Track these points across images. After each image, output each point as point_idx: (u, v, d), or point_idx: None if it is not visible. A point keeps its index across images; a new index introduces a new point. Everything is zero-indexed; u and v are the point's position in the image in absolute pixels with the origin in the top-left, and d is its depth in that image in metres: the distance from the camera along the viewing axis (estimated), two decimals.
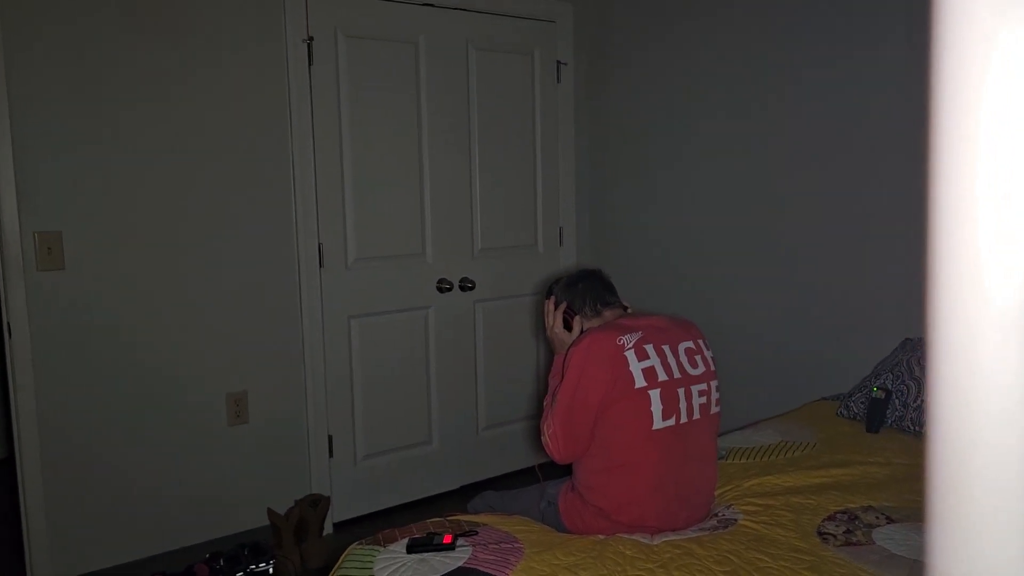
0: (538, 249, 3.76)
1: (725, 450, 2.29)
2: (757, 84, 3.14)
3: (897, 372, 2.48)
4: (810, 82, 2.96)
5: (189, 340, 2.86)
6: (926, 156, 0.39)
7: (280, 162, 2.99)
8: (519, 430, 3.74)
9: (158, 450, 2.82)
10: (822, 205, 2.97)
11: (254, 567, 2.78)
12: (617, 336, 1.81)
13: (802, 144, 3.01)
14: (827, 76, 2.91)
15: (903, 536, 1.70)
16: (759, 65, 3.13)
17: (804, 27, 2.97)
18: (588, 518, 1.85)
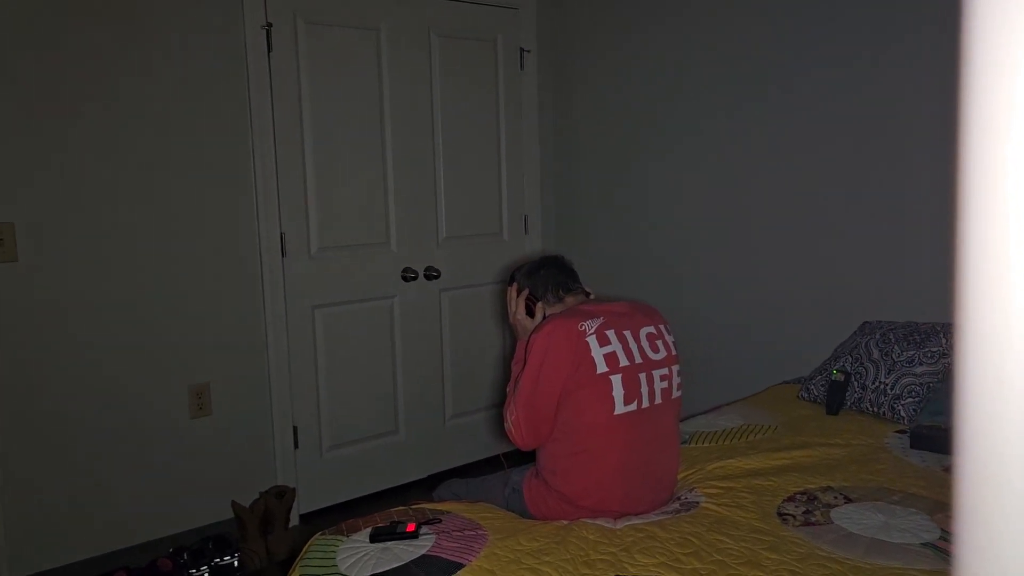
0: (503, 237, 3.75)
1: (688, 434, 2.31)
2: (723, 72, 3.16)
3: (856, 355, 2.52)
4: (775, 71, 2.99)
5: (149, 332, 2.81)
6: (952, 157, 0.39)
7: (240, 151, 2.95)
8: (486, 419, 3.74)
9: (119, 444, 2.77)
10: (784, 193, 3.00)
11: (219, 560, 2.76)
12: (579, 322, 1.81)
13: (766, 134, 3.03)
14: (792, 65, 2.93)
15: (860, 515, 1.73)
16: (725, 52, 3.15)
17: (773, 12, 2.99)
18: (552, 504, 1.86)
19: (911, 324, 2.53)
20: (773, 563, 1.52)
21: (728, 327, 3.23)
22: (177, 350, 2.88)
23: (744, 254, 3.15)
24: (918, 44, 2.58)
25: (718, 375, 3.25)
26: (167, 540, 2.88)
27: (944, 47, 2.52)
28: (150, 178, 2.78)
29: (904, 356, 2.40)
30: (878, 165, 2.72)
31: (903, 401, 2.32)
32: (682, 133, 3.31)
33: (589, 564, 1.54)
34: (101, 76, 2.65)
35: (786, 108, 2.95)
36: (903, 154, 2.65)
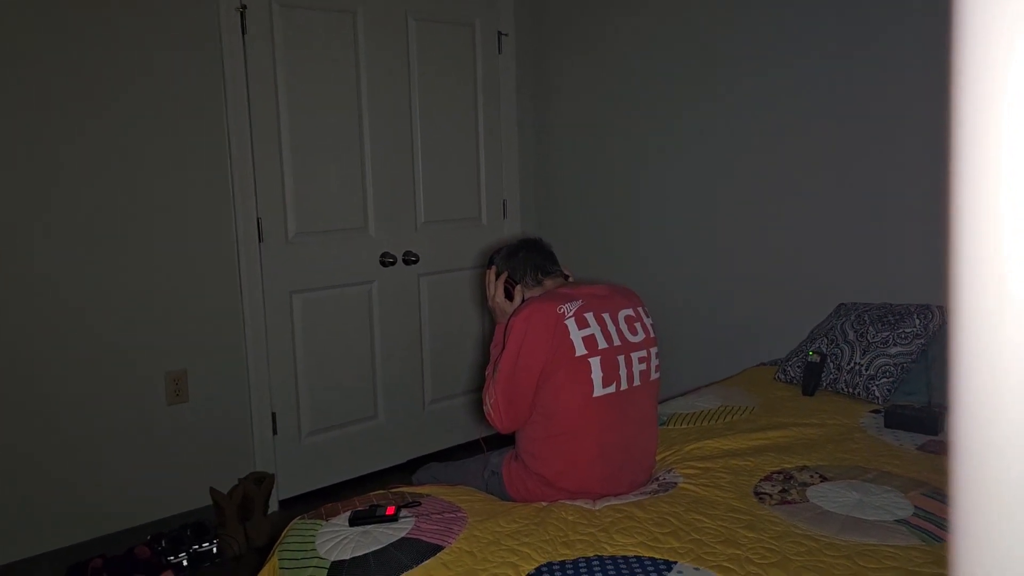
0: (482, 222, 3.74)
1: (667, 416, 2.32)
2: (701, 56, 3.16)
3: (832, 336, 2.55)
4: (753, 56, 2.99)
5: (124, 319, 2.78)
6: (946, 154, 0.38)
7: (215, 135, 2.91)
8: (465, 403, 3.75)
9: (96, 431, 2.75)
10: (761, 177, 3.01)
11: (197, 547, 2.75)
12: (557, 305, 1.81)
13: (743, 118, 3.04)
14: (770, 50, 2.94)
15: (836, 493, 1.75)
16: (703, 37, 3.15)
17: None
18: (531, 486, 1.86)
19: (886, 306, 2.56)
20: (750, 541, 1.54)
21: (705, 310, 3.25)
22: (154, 337, 2.85)
23: (721, 238, 3.16)
24: (896, 27, 2.59)
25: (696, 357, 3.27)
26: (145, 527, 2.86)
27: (922, 31, 2.53)
28: (123, 164, 2.74)
29: (879, 337, 2.43)
30: (854, 149, 2.74)
31: (877, 381, 2.35)
32: (660, 116, 3.32)
33: (568, 544, 1.54)
34: (72, 58, 2.60)
35: (764, 92, 2.96)
36: (879, 138, 2.67)
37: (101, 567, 2.55)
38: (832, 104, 2.78)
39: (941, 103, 2.48)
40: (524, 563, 1.48)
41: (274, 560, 1.70)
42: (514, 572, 1.45)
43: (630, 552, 1.51)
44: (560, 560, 1.48)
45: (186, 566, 2.70)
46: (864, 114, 2.70)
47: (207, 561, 2.76)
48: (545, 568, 1.45)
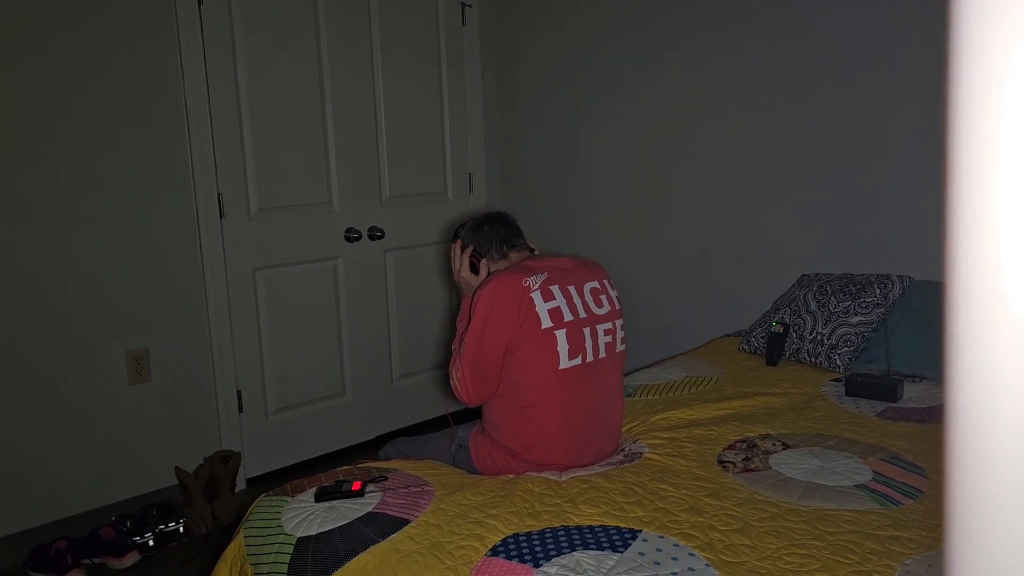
0: (447, 196, 3.72)
1: (632, 388, 2.34)
2: (667, 28, 3.15)
3: (795, 307, 2.58)
4: (714, 27, 2.99)
5: (82, 298, 2.72)
6: (943, 156, 0.37)
7: (171, 108, 2.85)
8: (433, 379, 3.74)
9: (56, 412, 2.70)
10: (726, 150, 3.02)
11: (163, 527, 2.72)
12: (523, 278, 1.81)
13: (708, 92, 3.04)
14: (729, 25, 2.94)
15: (797, 460, 1.78)
16: (667, 11, 3.13)
17: None
18: (498, 459, 1.87)
19: (847, 276, 2.59)
20: (713, 508, 1.56)
21: (670, 282, 3.27)
22: (113, 315, 2.79)
23: (686, 210, 3.17)
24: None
25: (661, 329, 3.29)
26: (110, 508, 2.83)
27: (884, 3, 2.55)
28: (77, 139, 2.67)
29: (840, 307, 2.46)
30: (817, 121, 2.76)
31: (839, 351, 2.39)
32: (626, 90, 3.31)
33: (535, 516, 1.55)
34: (20, 29, 2.52)
35: (726, 65, 2.97)
36: (840, 110, 2.69)
37: (65, 549, 2.51)
38: (793, 77, 2.79)
39: (901, 74, 2.51)
40: (490, 535, 1.48)
41: (240, 537, 1.69)
42: (480, 544, 1.45)
43: (596, 522, 1.52)
44: (526, 531, 1.49)
45: (152, 546, 2.68)
46: (825, 87, 2.71)
47: (174, 540, 2.74)
48: (511, 539, 1.46)
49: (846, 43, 2.64)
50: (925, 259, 2.55)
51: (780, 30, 2.80)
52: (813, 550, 1.39)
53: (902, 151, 2.57)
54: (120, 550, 2.57)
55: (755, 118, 2.91)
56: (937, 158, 2.51)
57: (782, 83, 2.82)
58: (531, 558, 1.39)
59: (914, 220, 2.57)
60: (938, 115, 2.47)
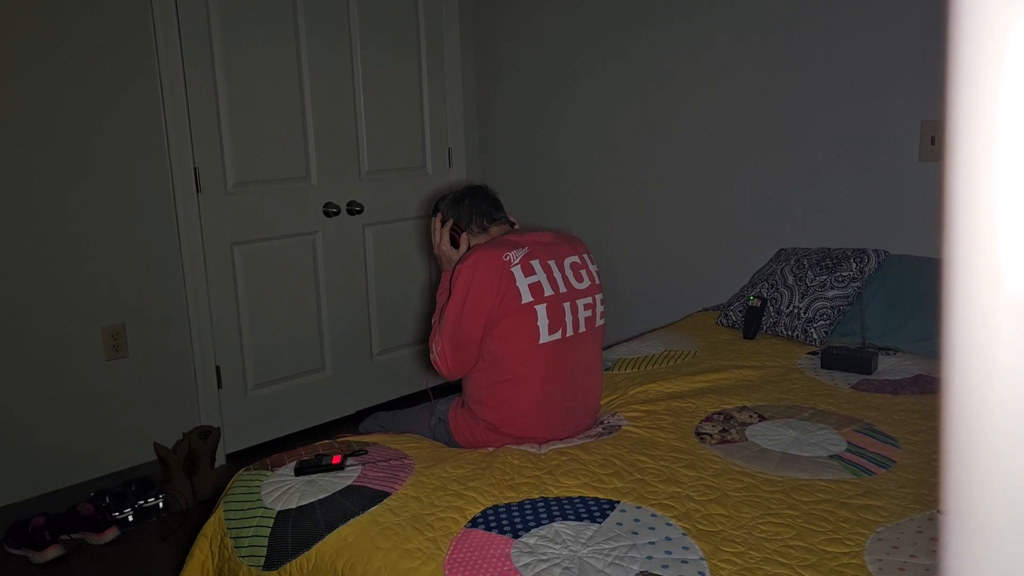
0: (427, 171, 3.69)
1: (611, 361, 2.36)
2: (643, 5, 3.13)
3: (772, 281, 2.60)
4: (691, 7, 2.98)
5: (58, 274, 2.69)
6: (943, 147, 0.37)
7: (146, 81, 2.80)
8: (413, 354, 3.74)
9: (32, 388, 2.67)
10: (705, 125, 3.02)
11: (143, 503, 2.72)
12: (503, 252, 1.81)
13: (686, 66, 3.04)
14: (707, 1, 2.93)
15: (773, 432, 1.80)
16: None
17: None
18: (478, 432, 1.88)
19: (824, 250, 2.62)
20: (691, 479, 1.58)
21: (649, 257, 3.28)
22: (88, 291, 2.76)
23: (665, 185, 3.18)
24: None
25: (640, 304, 3.31)
26: (88, 484, 2.81)
27: None
28: (51, 112, 2.62)
29: (817, 281, 2.49)
30: (795, 97, 2.76)
31: (815, 324, 2.41)
32: (607, 62, 3.29)
33: (514, 488, 1.57)
34: None
35: (706, 41, 2.96)
36: (819, 84, 2.70)
37: (43, 525, 2.50)
38: (771, 50, 2.79)
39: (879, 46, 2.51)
40: (470, 507, 1.49)
41: (220, 512, 1.69)
42: (460, 516, 1.46)
43: (574, 493, 1.54)
44: (506, 503, 1.51)
45: (131, 521, 2.68)
46: (802, 59, 2.72)
47: (153, 516, 2.73)
48: (491, 511, 1.48)
49: (822, 12, 2.64)
50: (901, 233, 2.57)
51: (758, 3, 2.79)
52: (788, 519, 1.42)
53: (881, 125, 2.58)
54: (99, 526, 2.56)
55: (734, 93, 2.91)
56: (915, 132, 2.52)
57: (761, 57, 2.82)
58: (510, 529, 1.41)
59: (891, 194, 2.59)
60: (918, 88, 2.49)
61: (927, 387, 2.05)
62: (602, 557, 1.31)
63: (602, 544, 1.34)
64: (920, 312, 2.33)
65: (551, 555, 1.32)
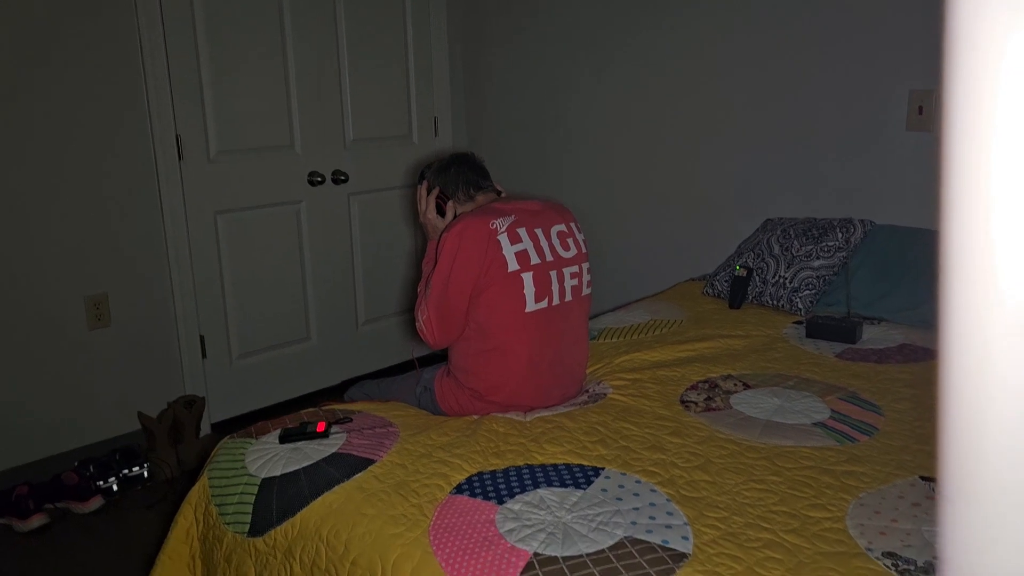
0: (412, 140, 3.66)
1: (597, 331, 2.35)
2: None
3: (758, 251, 2.60)
4: None
5: (39, 243, 2.65)
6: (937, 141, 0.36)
7: (126, 47, 2.74)
8: (399, 323, 3.74)
9: (14, 357, 2.64)
10: (692, 94, 3.00)
11: (127, 472, 2.71)
12: (490, 220, 1.79)
13: (674, 34, 3.01)
14: None
15: (758, 400, 1.81)
16: None
17: None
18: (463, 400, 1.88)
19: (810, 220, 2.62)
20: (675, 447, 1.59)
21: (636, 226, 3.27)
22: (70, 259, 2.73)
23: (652, 154, 3.16)
24: None
25: (626, 273, 3.31)
26: (72, 454, 2.80)
27: None
28: (30, 79, 2.56)
29: (803, 251, 2.49)
30: (780, 64, 2.74)
31: (800, 294, 2.42)
32: (594, 32, 3.25)
33: (499, 455, 1.57)
34: None
35: (695, 10, 2.93)
36: (807, 53, 2.68)
37: (27, 494, 2.49)
38: (760, 19, 2.76)
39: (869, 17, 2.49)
40: (455, 474, 1.49)
41: (204, 479, 1.69)
42: (445, 483, 1.46)
43: (559, 460, 1.54)
44: (491, 470, 1.51)
45: (116, 491, 2.67)
46: (792, 29, 2.69)
47: (138, 484, 2.73)
48: (476, 478, 1.48)
49: None
50: (887, 203, 2.57)
51: None
52: (771, 485, 1.43)
53: (869, 94, 2.57)
54: (83, 495, 2.55)
55: (721, 62, 2.89)
56: (903, 101, 2.52)
57: (747, 26, 2.79)
58: (495, 496, 1.41)
59: (878, 164, 2.59)
60: (906, 57, 2.47)
61: (912, 356, 2.06)
62: (586, 523, 1.31)
63: (586, 510, 1.35)
64: (906, 282, 2.34)
65: (535, 520, 1.32)
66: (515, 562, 1.22)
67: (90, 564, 2.30)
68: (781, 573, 1.18)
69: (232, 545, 1.55)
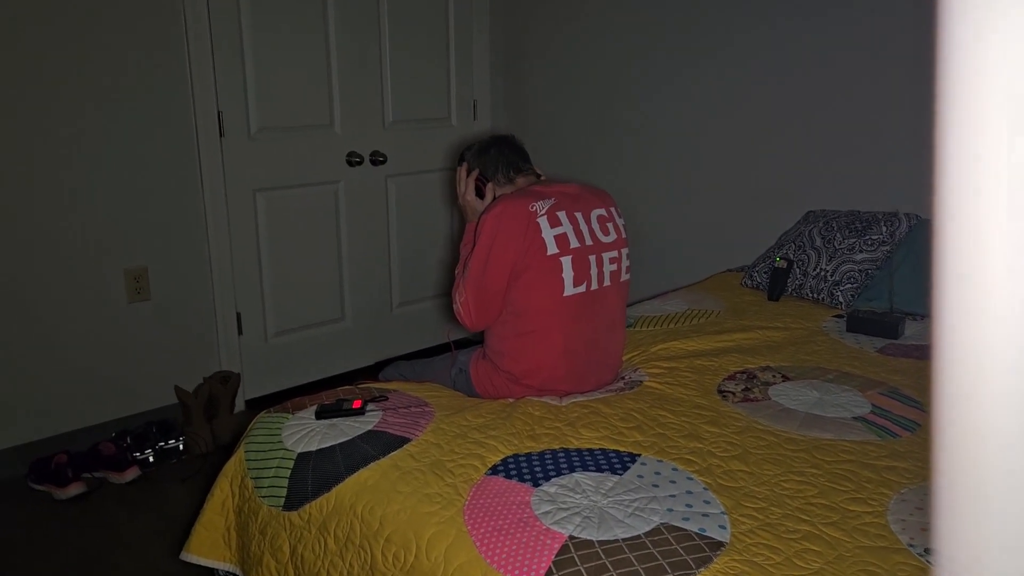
0: (451, 122, 3.65)
1: (634, 319, 2.34)
2: None
3: (799, 243, 2.56)
4: None
5: (81, 216, 2.69)
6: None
7: (171, 24, 2.77)
8: (433, 307, 3.74)
9: (56, 328, 2.69)
10: (734, 85, 2.96)
11: (163, 444, 2.75)
12: (530, 203, 1.78)
13: (719, 27, 2.96)
14: None
15: (797, 392, 1.78)
16: None
17: None
18: (499, 383, 1.87)
19: (853, 212, 2.57)
20: (712, 436, 1.57)
21: (675, 215, 3.23)
22: (111, 233, 2.77)
23: (694, 143, 3.12)
24: None
25: (665, 262, 3.28)
26: (110, 424, 2.85)
27: None
28: (76, 56, 2.59)
29: (845, 244, 2.44)
30: (827, 56, 2.69)
31: (842, 287, 2.38)
32: (639, 15, 3.21)
33: (534, 438, 1.56)
34: None
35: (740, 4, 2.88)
36: (851, 42, 2.62)
37: (65, 462, 2.54)
38: (801, 17, 2.71)
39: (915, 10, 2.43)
40: (490, 455, 1.49)
41: (241, 452, 1.70)
42: (480, 463, 1.46)
43: (595, 445, 1.53)
44: (526, 452, 1.50)
45: (152, 462, 2.71)
46: (835, 17, 2.64)
47: (173, 458, 2.77)
48: (511, 459, 1.47)
49: None
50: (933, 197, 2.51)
51: None
52: (810, 477, 1.41)
53: (912, 87, 2.51)
54: (120, 465, 2.60)
55: (767, 52, 2.84)
56: None
57: (793, 22, 2.74)
58: (530, 478, 1.40)
59: (923, 157, 2.52)
60: None
61: None
62: (622, 508, 1.30)
63: (622, 495, 1.34)
64: None
65: (571, 504, 1.31)
66: (550, 544, 1.21)
67: (126, 532, 2.34)
68: (820, 565, 1.16)
69: (267, 518, 1.57)
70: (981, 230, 0.34)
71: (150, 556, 2.22)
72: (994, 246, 0.34)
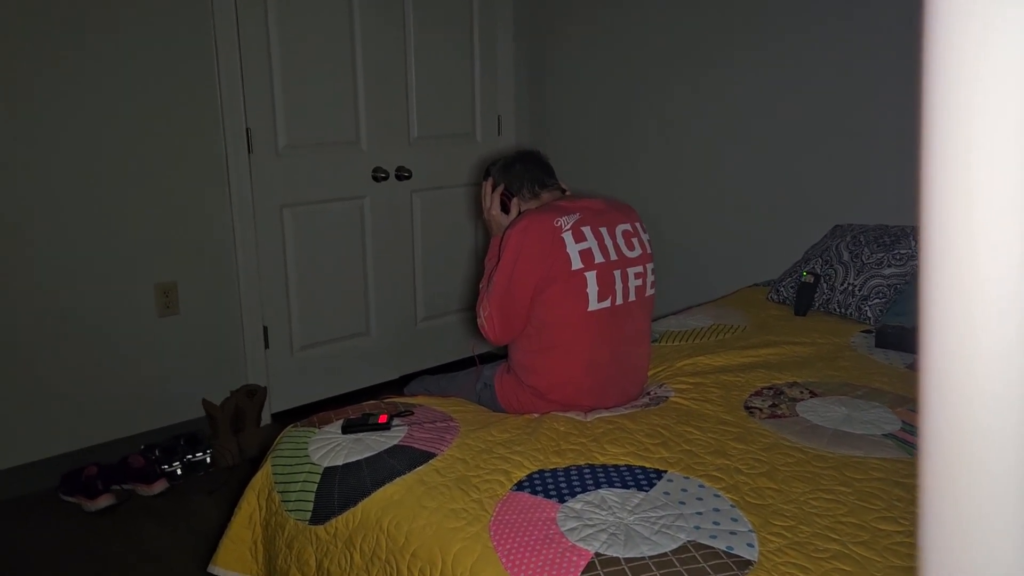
0: (476, 138, 3.67)
1: (659, 333, 2.33)
2: None
3: (826, 257, 2.54)
4: None
5: (112, 231, 2.74)
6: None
7: (201, 42, 2.82)
8: (458, 321, 3.75)
9: (86, 341, 2.73)
10: (760, 98, 2.95)
11: (191, 457, 2.78)
12: (555, 218, 1.79)
13: (744, 39, 2.96)
14: None
15: (825, 408, 1.76)
16: None
17: None
18: (524, 398, 1.87)
19: (881, 227, 2.54)
20: (739, 452, 1.56)
21: (701, 230, 3.22)
22: (142, 248, 2.81)
23: (719, 157, 3.12)
24: None
25: (690, 277, 3.27)
26: (138, 437, 2.88)
27: None
28: (106, 72, 2.65)
29: (873, 258, 2.42)
30: (855, 67, 2.68)
31: (870, 302, 2.35)
32: (663, 34, 3.22)
33: (560, 454, 1.56)
34: None
35: (766, 16, 2.87)
36: (874, 59, 2.61)
37: (96, 474, 2.57)
38: (828, 25, 2.70)
39: None
40: (516, 470, 1.49)
41: (267, 466, 1.71)
42: (506, 479, 1.46)
43: (621, 461, 1.52)
44: (552, 468, 1.50)
45: (180, 475, 2.74)
46: (862, 32, 2.63)
47: (200, 470, 2.79)
48: (536, 475, 1.47)
49: None
50: None
51: None
52: (840, 495, 1.39)
53: None
54: (149, 477, 2.63)
55: (793, 67, 2.83)
56: None
57: (819, 36, 2.73)
58: (556, 494, 1.40)
59: None
60: None
61: None
62: (649, 525, 1.29)
63: (649, 512, 1.33)
64: None
65: (597, 521, 1.31)
66: (576, 561, 1.21)
67: (154, 545, 2.37)
68: None
69: (294, 532, 1.58)
70: (973, 238, 0.34)
71: (178, 568, 2.24)
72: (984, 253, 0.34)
